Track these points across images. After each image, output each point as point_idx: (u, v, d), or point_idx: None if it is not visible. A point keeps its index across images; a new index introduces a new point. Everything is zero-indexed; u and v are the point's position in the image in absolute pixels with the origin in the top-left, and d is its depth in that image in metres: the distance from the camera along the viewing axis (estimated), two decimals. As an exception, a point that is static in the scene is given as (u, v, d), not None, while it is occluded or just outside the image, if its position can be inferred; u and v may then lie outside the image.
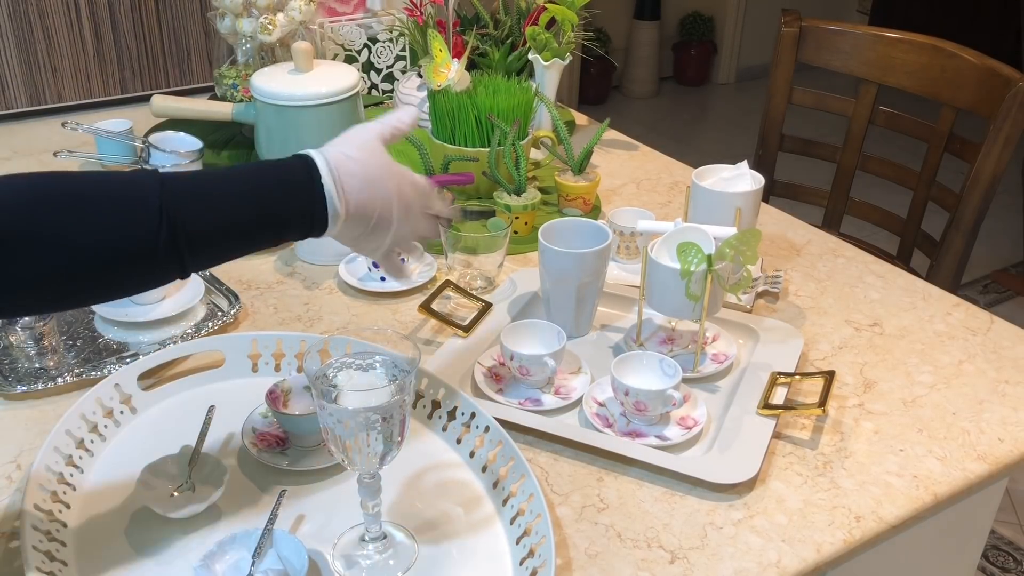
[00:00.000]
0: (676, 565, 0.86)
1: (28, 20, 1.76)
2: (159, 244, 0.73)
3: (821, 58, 1.85)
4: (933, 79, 1.71)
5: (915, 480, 0.97)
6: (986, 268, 3.31)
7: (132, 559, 0.85)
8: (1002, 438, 1.03)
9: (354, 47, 1.83)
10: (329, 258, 1.32)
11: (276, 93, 1.41)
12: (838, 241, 1.44)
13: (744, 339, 1.16)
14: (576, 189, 1.42)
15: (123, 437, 0.99)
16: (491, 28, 1.72)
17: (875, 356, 1.16)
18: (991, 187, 1.60)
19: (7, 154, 1.67)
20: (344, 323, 1.20)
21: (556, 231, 1.16)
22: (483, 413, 0.97)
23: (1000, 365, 1.15)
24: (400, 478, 0.94)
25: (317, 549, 0.86)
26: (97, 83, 1.87)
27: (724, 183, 1.25)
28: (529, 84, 1.50)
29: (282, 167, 0.81)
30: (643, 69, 4.82)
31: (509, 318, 1.18)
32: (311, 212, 0.81)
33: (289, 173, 0.81)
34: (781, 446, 1.01)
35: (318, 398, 0.76)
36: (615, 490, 0.94)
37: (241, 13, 1.60)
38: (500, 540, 0.88)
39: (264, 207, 0.79)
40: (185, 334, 1.14)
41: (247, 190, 0.78)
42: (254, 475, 0.95)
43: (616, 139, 1.78)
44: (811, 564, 0.87)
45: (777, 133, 1.91)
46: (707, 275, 1.04)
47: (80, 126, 1.53)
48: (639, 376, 1.02)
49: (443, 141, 1.46)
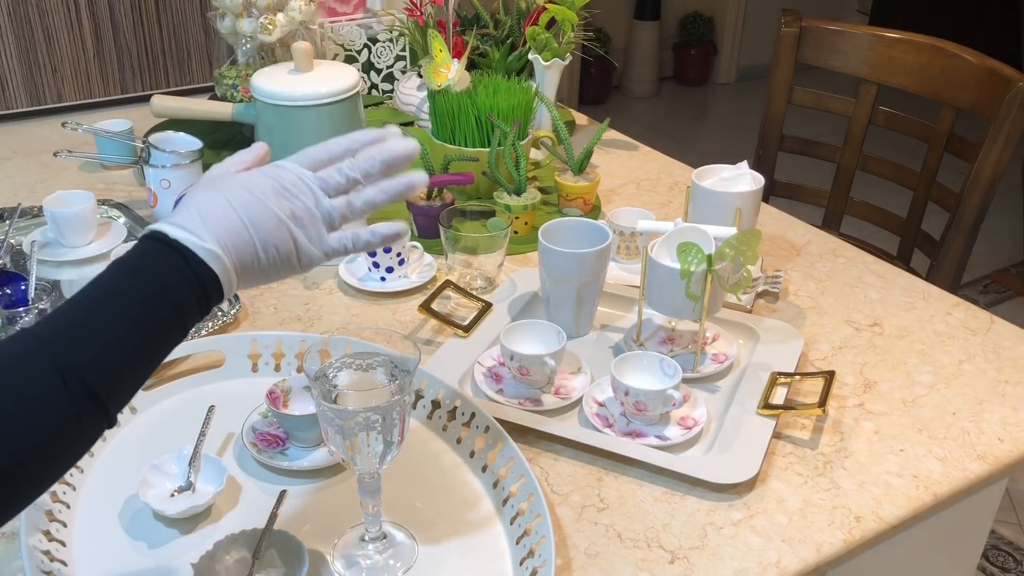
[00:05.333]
0: (676, 565, 0.86)
1: (28, 20, 1.76)
2: (60, 392, 0.62)
3: (821, 58, 1.85)
4: (933, 79, 1.71)
5: (915, 480, 0.97)
6: (986, 268, 3.31)
7: (132, 559, 0.85)
8: (1002, 438, 1.03)
9: (354, 47, 1.83)
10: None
11: (276, 93, 1.41)
12: (838, 241, 1.44)
13: (744, 339, 1.16)
14: (576, 189, 1.42)
15: (123, 437, 0.99)
16: (491, 28, 1.72)
17: (875, 356, 1.16)
18: (991, 187, 1.60)
19: (7, 154, 1.67)
20: (344, 323, 1.20)
21: (556, 231, 1.16)
22: (483, 413, 0.97)
23: (1000, 365, 1.15)
24: (400, 478, 0.94)
25: (317, 549, 0.86)
26: (97, 83, 1.87)
27: (724, 183, 1.25)
28: (529, 84, 1.50)
29: (136, 256, 0.69)
30: (643, 69, 4.82)
31: (509, 318, 1.18)
32: (193, 272, 0.68)
33: (144, 256, 0.69)
34: (781, 446, 1.01)
35: (318, 398, 0.76)
36: (615, 490, 0.94)
37: (241, 13, 1.60)
38: (500, 540, 0.88)
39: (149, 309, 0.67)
40: (185, 334, 1.14)
41: (116, 294, 0.67)
42: (254, 475, 0.95)
43: (616, 139, 1.78)
44: (811, 564, 0.87)
45: (777, 133, 1.91)
46: (707, 275, 1.04)
47: (80, 126, 1.53)
48: (639, 376, 1.02)
49: (443, 141, 1.46)
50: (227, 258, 0.70)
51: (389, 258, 1.24)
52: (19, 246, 1.34)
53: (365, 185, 0.77)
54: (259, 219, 0.71)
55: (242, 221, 0.71)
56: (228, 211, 0.71)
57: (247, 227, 0.71)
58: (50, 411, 0.62)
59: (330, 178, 0.75)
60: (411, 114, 1.71)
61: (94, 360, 0.64)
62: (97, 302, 0.66)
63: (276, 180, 0.73)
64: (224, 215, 0.70)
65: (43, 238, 1.33)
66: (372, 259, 1.24)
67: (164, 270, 0.68)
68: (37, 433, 0.61)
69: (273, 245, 0.72)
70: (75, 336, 0.64)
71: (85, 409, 0.63)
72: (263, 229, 0.71)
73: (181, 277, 0.68)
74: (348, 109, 1.45)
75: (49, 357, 0.62)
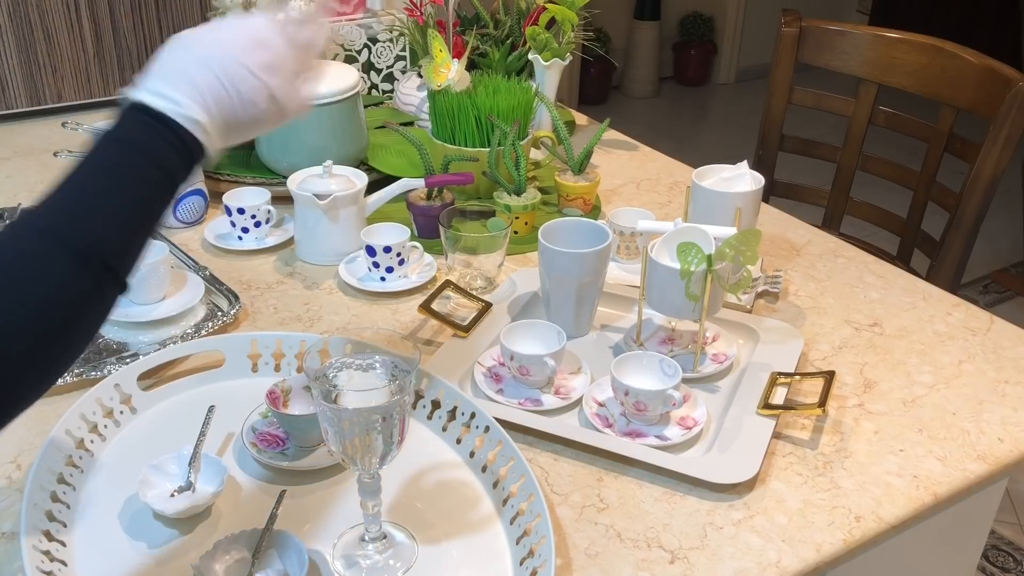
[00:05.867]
0: (676, 565, 0.86)
1: (28, 20, 1.76)
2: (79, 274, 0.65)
3: (821, 58, 1.85)
4: (933, 79, 1.71)
5: (915, 480, 0.97)
6: (986, 268, 3.31)
7: (132, 559, 0.85)
8: (1002, 438, 1.03)
9: (354, 47, 1.83)
10: (329, 258, 1.32)
11: (276, 93, 1.41)
12: (838, 241, 1.44)
13: (744, 339, 1.16)
14: (576, 189, 1.42)
15: (123, 437, 0.99)
16: (491, 28, 1.72)
17: (875, 356, 1.16)
18: (991, 187, 1.60)
19: (7, 154, 1.67)
20: (344, 323, 1.20)
21: (556, 231, 1.16)
22: (483, 413, 0.97)
23: (1000, 365, 1.15)
24: (400, 478, 0.94)
25: (317, 549, 0.86)
26: (97, 83, 1.87)
27: (724, 183, 1.25)
28: (529, 84, 1.50)
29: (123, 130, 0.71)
30: (643, 69, 4.82)
31: (509, 318, 1.18)
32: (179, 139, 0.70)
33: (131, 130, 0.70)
34: (781, 446, 1.01)
35: (318, 398, 0.76)
36: (615, 490, 0.94)
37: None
38: (500, 540, 0.88)
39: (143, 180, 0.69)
40: (185, 334, 1.14)
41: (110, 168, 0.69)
42: (254, 475, 0.95)
43: (616, 139, 1.78)
44: (811, 564, 0.87)
45: (777, 133, 1.91)
46: (707, 275, 1.04)
47: (80, 126, 1.53)
48: (639, 376, 1.02)
49: (443, 141, 1.46)
50: (209, 122, 0.72)
51: (389, 258, 1.24)
52: (19, 246, 1.34)
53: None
54: (235, 77, 0.73)
55: (220, 81, 0.72)
56: (205, 72, 0.72)
57: (225, 87, 0.73)
58: (73, 291, 0.65)
59: (292, 10, 0.78)
60: (411, 114, 1.71)
61: (105, 235, 0.67)
62: (97, 180, 0.68)
63: (248, 32, 0.75)
64: (202, 77, 0.72)
65: (43, 238, 1.33)
66: (372, 259, 1.24)
67: (153, 142, 0.70)
68: (67, 312, 0.65)
69: (251, 101, 0.74)
70: (83, 216, 0.66)
71: (105, 282, 0.67)
72: (240, 86, 0.73)
73: (169, 147, 0.70)
74: (348, 109, 1.45)
75: (62, 240, 0.65)
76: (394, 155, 1.56)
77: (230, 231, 1.36)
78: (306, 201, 1.28)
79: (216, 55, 0.73)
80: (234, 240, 1.36)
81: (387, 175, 1.50)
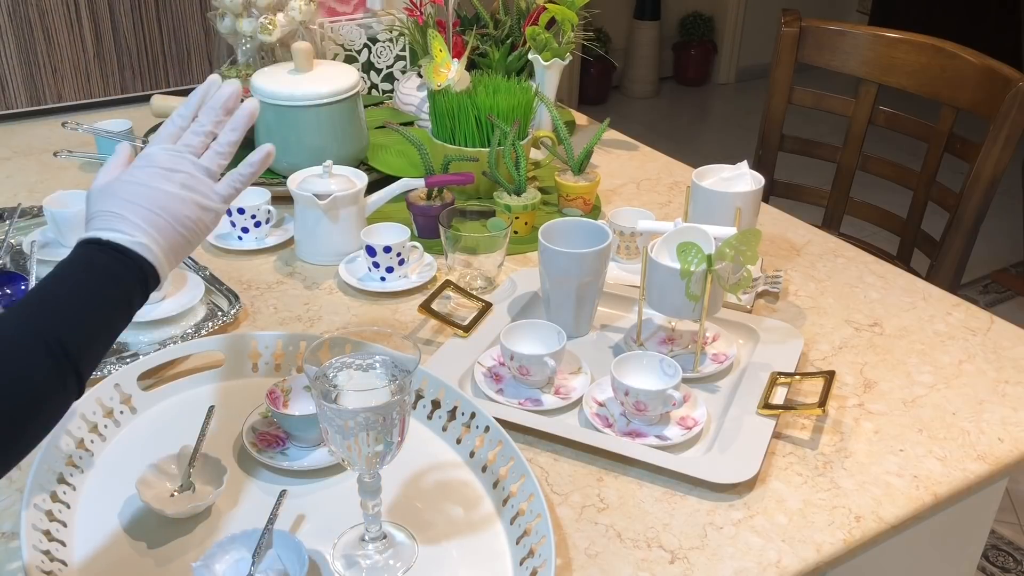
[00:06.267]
0: (676, 565, 0.86)
1: (28, 20, 1.76)
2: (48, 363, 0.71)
3: (821, 58, 1.85)
4: (933, 79, 1.71)
5: (915, 480, 0.97)
6: (986, 268, 3.31)
7: (132, 559, 0.85)
8: (1002, 438, 1.03)
9: (354, 47, 1.83)
10: (329, 258, 1.32)
11: (276, 93, 1.41)
12: (838, 241, 1.44)
13: (744, 339, 1.16)
14: (576, 189, 1.42)
15: (123, 437, 0.99)
16: (491, 28, 1.72)
17: (875, 356, 1.16)
18: (991, 187, 1.60)
19: (7, 154, 1.67)
20: (344, 323, 1.20)
21: (556, 231, 1.16)
22: (483, 413, 0.97)
23: (1000, 365, 1.15)
24: (400, 478, 0.94)
25: (317, 549, 0.86)
26: (97, 83, 1.87)
27: (724, 183, 1.25)
28: (529, 84, 1.50)
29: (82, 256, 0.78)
30: (643, 69, 4.82)
31: (509, 318, 1.18)
32: (133, 262, 0.78)
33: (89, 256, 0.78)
34: (781, 446, 1.01)
35: (318, 398, 0.76)
36: (615, 490, 0.94)
37: (241, 13, 1.60)
38: (500, 540, 0.88)
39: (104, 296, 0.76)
40: (185, 334, 1.14)
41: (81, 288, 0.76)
42: (254, 475, 0.95)
43: (616, 139, 1.78)
44: (811, 564, 0.87)
45: (777, 133, 1.91)
46: (707, 275, 1.04)
47: (80, 126, 1.53)
48: (639, 376, 1.02)
49: (443, 141, 1.46)
50: (155, 245, 0.80)
51: (389, 258, 1.24)
52: (19, 246, 1.34)
53: (217, 132, 0.87)
54: (165, 203, 0.81)
55: (153, 211, 0.80)
56: (138, 208, 0.80)
57: (160, 215, 0.81)
58: (39, 380, 0.71)
59: (190, 142, 0.85)
60: (411, 114, 1.71)
61: (73, 335, 0.73)
62: (65, 290, 0.76)
63: (155, 166, 0.83)
64: (137, 211, 0.80)
65: (43, 238, 1.33)
66: (372, 259, 1.24)
67: (111, 265, 0.78)
68: (34, 396, 0.71)
69: (186, 216, 0.82)
70: (55, 314, 0.73)
71: (68, 376, 0.73)
72: (171, 210, 0.81)
73: (124, 269, 0.78)
74: (348, 109, 1.46)
75: (34, 334, 0.72)
76: (394, 155, 1.56)
77: (230, 231, 1.36)
78: (306, 201, 1.29)
79: (141, 192, 0.81)
80: (234, 240, 1.36)
81: (387, 175, 1.50)
